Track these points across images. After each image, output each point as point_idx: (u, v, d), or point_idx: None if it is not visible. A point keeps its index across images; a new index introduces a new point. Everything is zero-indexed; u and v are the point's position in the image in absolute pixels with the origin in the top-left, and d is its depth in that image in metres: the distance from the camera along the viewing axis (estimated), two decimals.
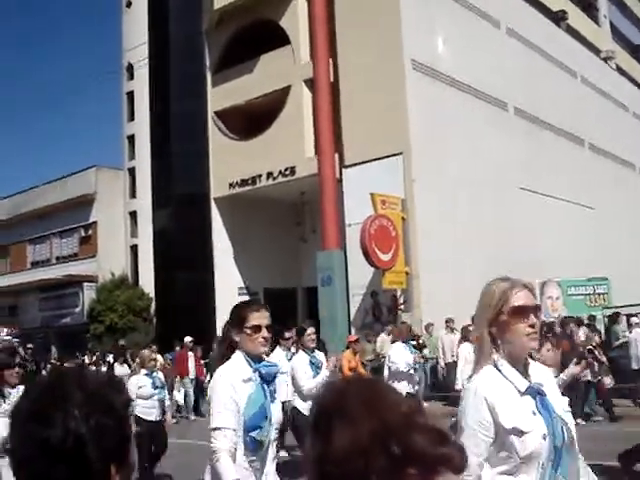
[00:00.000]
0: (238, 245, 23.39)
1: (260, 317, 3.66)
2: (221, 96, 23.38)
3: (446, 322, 16.31)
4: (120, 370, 14.81)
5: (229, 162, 22.71)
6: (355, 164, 19.42)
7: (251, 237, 22.97)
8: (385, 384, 1.45)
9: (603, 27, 39.42)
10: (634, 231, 29.12)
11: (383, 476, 1.19)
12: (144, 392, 8.95)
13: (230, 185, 22.86)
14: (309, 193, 21.13)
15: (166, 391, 9.88)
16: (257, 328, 3.63)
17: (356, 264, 18.40)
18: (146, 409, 8.93)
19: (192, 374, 17.34)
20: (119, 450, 1.27)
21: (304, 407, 7.70)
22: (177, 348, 18.06)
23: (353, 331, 18.21)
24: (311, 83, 20.78)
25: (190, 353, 17.52)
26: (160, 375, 9.69)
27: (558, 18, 30.83)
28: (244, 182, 22.48)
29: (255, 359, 3.63)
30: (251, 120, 22.56)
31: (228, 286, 23.10)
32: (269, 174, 21.68)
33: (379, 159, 18.76)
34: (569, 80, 27.42)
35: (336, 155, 19.92)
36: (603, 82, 30.38)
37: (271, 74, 21.79)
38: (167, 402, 9.78)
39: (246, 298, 23.75)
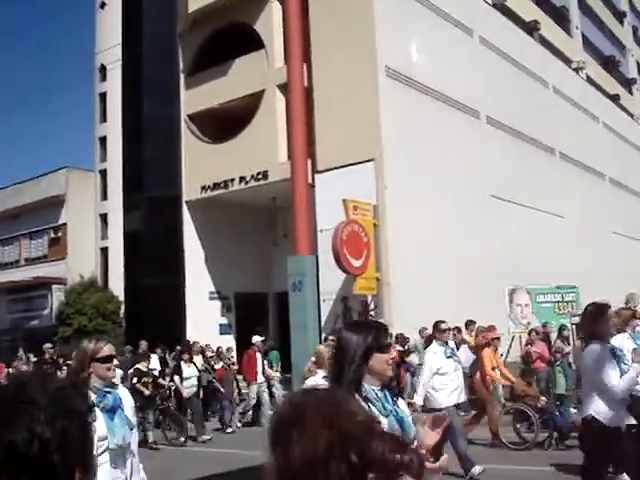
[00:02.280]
0: (210, 249, 23.30)
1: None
2: (194, 99, 23.30)
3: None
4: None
5: (202, 165, 22.63)
6: (328, 169, 19.44)
7: (223, 241, 22.90)
8: (342, 394, 1.45)
9: (575, 38, 39.94)
10: (602, 240, 29.54)
11: None
12: None
13: (202, 188, 22.77)
14: (281, 198, 21.11)
15: None
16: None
17: (327, 269, 18.41)
18: None
19: (261, 378, 16.63)
20: (83, 454, 1.27)
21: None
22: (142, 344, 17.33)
23: (323, 336, 18.17)
24: (285, 88, 20.77)
25: (258, 355, 16.72)
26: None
27: (531, 28, 31.21)
28: (216, 186, 22.39)
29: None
30: (224, 124, 22.50)
31: (199, 290, 23.02)
32: (242, 178, 21.64)
33: (352, 165, 18.79)
34: (541, 89, 27.74)
35: (309, 160, 19.94)
36: (574, 92, 30.79)
37: (245, 78, 21.76)
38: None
39: (217, 302, 23.73)
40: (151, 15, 23.67)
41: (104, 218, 30.02)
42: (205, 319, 22.72)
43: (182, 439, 14.01)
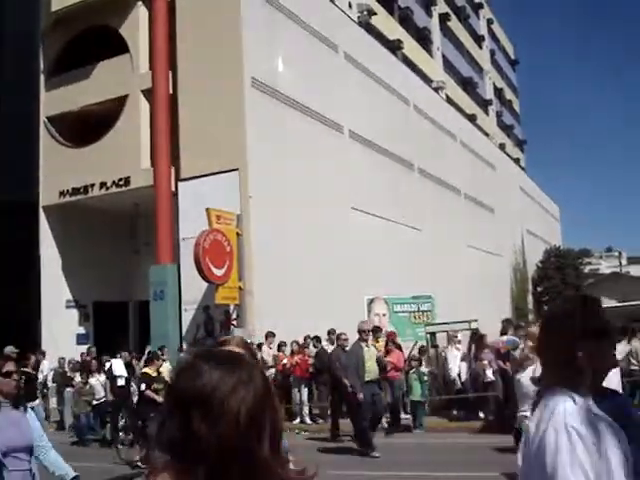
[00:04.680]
0: (68, 256, 22.51)
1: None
2: (55, 100, 22.50)
3: (328, 334, 16.37)
4: None
5: (61, 169, 21.88)
6: (191, 178, 19.33)
7: (82, 248, 22.17)
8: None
9: (436, 59, 41.77)
10: (457, 252, 30.95)
11: None
12: None
13: (61, 193, 22.00)
14: (144, 205, 20.76)
15: None
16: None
17: (189, 279, 18.29)
18: None
19: None
20: None
21: None
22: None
23: (185, 346, 18.02)
24: (149, 93, 20.50)
25: None
26: None
27: (394, 47, 32.37)
28: (76, 191, 21.70)
29: None
30: (86, 127, 21.88)
31: (56, 299, 22.20)
32: (102, 184, 21.08)
33: (216, 174, 18.78)
34: (402, 107, 28.77)
35: (172, 168, 19.76)
36: (434, 111, 32.12)
37: (108, 81, 21.26)
38: None
39: (74, 311, 22.96)
40: (12, 11, 22.75)
41: None
42: (62, 328, 21.94)
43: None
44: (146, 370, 12.79)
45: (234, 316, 18.65)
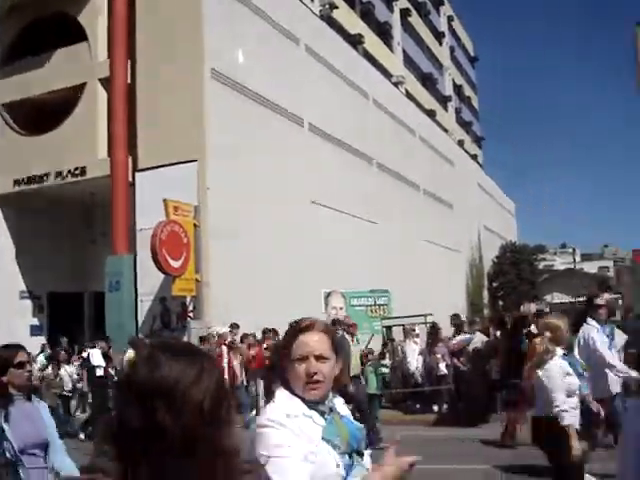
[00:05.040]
0: (22, 246, 22.15)
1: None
2: (10, 88, 22.04)
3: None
4: None
5: (16, 158, 21.47)
6: (149, 168, 19.16)
7: (37, 238, 21.83)
8: None
9: (396, 54, 41.95)
10: (415, 247, 31.22)
11: None
12: None
13: (15, 182, 21.61)
14: (100, 195, 20.50)
15: None
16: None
17: (146, 270, 18.16)
18: None
19: None
20: None
21: None
22: None
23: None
24: (107, 82, 20.25)
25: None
26: None
27: (355, 41, 32.45)
28: (31, 180, 21.35)
29: None
30: (42, 115, 21.50)
31: (9, 289, 21.82)
32: (58, 173, 20.76)
33: (174, 165, 18.65)
34: (362, 101, 28.87)
35: (130, 158, 19.57)
36: (393, 106, 32.28)
37: (65, 69, 20.93)
38: None
39: (28, 302, 22.62)
40: None
41: None
42: (15, 320, 21.59)
43: None
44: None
45: (190, 308, 18.58)
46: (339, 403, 2.48)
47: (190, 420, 1.38)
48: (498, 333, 14.47)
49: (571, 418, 5.64)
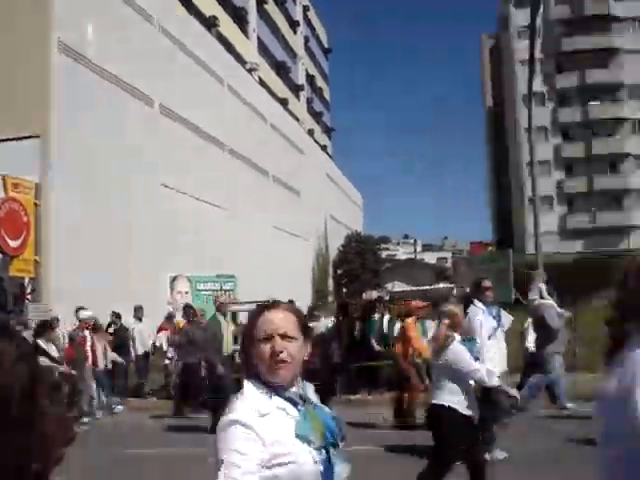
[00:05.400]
0: None
1: None
2: None
3: (135, 310, 16.16)
4: None
5: None
6: None
7: None
8: None
9: (251, 40, 41.90)
10: (263, 232, 31.50)
11: None
12: None
13: None
14: None
15: None
16: None
17: None
18: None
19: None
20: None
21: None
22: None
23: None
24: None
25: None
26: None
27: (210, 24, 32.13)
28: None
29: None
30: None
31: None
32: None
33: (14, 140, 17.75)
34: (216, 85, 28.70)
35: None
36: (246, 92, 32.33)
37: None
38: None
39: None
40: None
41: None
42: None
43: None
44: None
45: (29, 290, 17.82)
46: (310, 390, 2.35)
47: (9, 399, 1.37)
48: (341, 318, 15.09)
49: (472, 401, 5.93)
